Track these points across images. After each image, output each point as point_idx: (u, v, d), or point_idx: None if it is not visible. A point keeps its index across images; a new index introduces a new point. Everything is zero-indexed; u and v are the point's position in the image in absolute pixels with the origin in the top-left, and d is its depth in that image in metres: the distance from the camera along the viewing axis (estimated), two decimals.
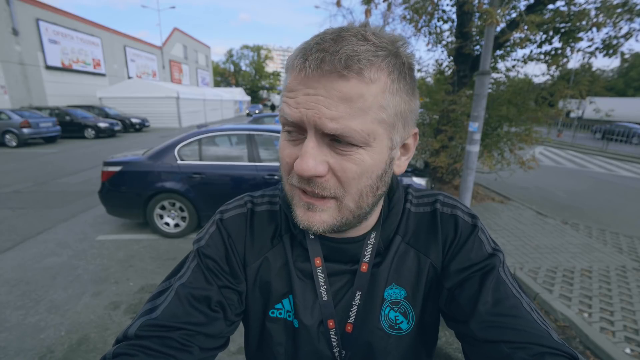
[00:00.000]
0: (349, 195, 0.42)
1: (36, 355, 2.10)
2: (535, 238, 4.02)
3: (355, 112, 0.37)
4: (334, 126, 0.37)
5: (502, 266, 0.48)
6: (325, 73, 0.36)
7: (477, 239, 0.50)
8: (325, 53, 0.36)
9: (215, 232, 0.54)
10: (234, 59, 56.02)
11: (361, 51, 0.36)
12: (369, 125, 0.38)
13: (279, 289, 0.53)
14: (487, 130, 5.41)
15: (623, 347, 2.22)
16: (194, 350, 0.45)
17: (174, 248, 3.68)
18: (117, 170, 3.78)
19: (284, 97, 0.41)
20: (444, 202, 0.54)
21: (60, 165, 7.92)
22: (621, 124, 17.61)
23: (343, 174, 0.40)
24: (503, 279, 0.46)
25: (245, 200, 0.58)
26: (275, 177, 3.69)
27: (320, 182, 0.40)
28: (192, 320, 0.46)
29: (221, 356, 2.13)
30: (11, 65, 14.47)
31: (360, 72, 0.36)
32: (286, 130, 0.43)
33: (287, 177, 0.44)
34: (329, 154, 0.40)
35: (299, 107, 0.38)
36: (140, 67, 25.38)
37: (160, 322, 0.45)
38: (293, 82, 0.39)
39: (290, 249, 0.53)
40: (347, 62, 0.36)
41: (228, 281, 0.51)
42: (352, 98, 0.37)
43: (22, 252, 3.51)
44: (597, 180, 8.10)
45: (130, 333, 0.45)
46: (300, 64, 0.38)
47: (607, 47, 4.84)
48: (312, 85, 0.38)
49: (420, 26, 5.86)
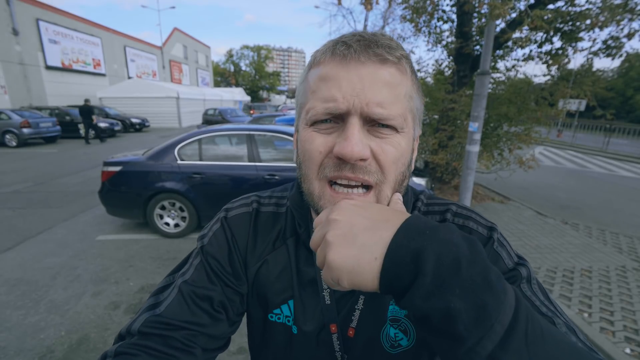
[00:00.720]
0: (387, 183, 0.42)
1: (36, 355, 2.10)
2: (535, 238, 4.02)
3: (396, 97, 0.40)
4: (380, 111, 0.39)
5: (526, 281, 0.43)
6: (371, 56, 0.39)
7: (492, 253, 0.45)
8: (367, 41, 0.39)
9: (219, 230, 0.54)
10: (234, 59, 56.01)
11: (395, 45, 0.40)
12: (404, 110, 0.41)
13: (278, 293, 0.52)
14: (487, 130, 5.41)
15: (623, 347, 2.22)
16: (196, 352, 0.45)
17: (174, 248, 3.68)
18: (117, 170, 3.78)
19: (316, 89, 0.41)
20: (457, 212, 0.51)
21: (60, 165, 7.92)
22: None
23: (384, 156, 0.40)
24: (527, 297, 0.41)
25: (252, 200, 0.57)
26: (276, 177, 3.69)
27: (363, 166, 0.40)
28: (195, 320, 0.46)
29: (221, 356, 2.13)
30: (11, 65, 14.47)
31: (400, 61, 0.40)
32: (319, 121, 0.41)
33: (317, 170, 0.42)
34: (370, 138, 0.40)
35: (344, 95, 0.39)
36: (140, 67, 25.38)
37: (164, 320, 0.45)
38: (333, 69, 0.40)
39: (295, 252, 0.52)
40: (390, 50, 0.39)
41: (231, 282, 0.51)
42: (394, 84, 0.40)
43: (22, 252, 3.51)
44: (597, 180, 8.10)
45: (134, 329, 0.44)
46: (344, 50, 0.39)
47: (609, 47, 4.84)
48: (356, 70, 0.39)
49: (420, 26, 5.87)
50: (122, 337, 0.45)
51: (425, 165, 6.24)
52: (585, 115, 17.18)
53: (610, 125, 14.16)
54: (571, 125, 16.91)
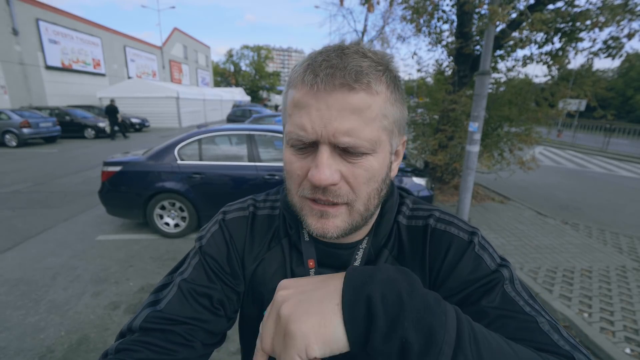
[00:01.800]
0: (360, 200, 0.44)
1: (36, 355, 2.10)
2: (535, 238, 4.02)
3: (365, 121, 0.40)
4: (347, 140, 0.39)
5: (509, 282, 0.44)
6: (337, 87, 0.39)
7: (473, 256, 0.46)
8: (335, 69, 0.39)
9: (218, 231, 0.55)
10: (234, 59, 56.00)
11: (365, 66, 0.40)
12: (375, 132, 0.41)
13: (273, 291, 0.53)
14: (487, 131, 5.41)
15: (623, 347, 2.22)
16: (196, 346, 0.47)
17: (174, 248, 3.68)
18: (117, 170, 3.78)
19: (292, 114, 0.43)
20: (439, 217, 0.51)
21: (60, 165, 7.92)
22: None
23: (354, 180, 0.42)
24: (511, 298, 0.42)
25: (248, 204, 0.59)
26: (276, 177, 3.69)
27: (333, 190, 0.42)
28: (196, 316, 0.48)
29: (222, 356, 2.13)
30: (11, 65, 14.46)
31: (368, 85, 0.39)
32: (297, 147, 0.43)
33: (297, 189, 0.45)
34: (341, 162, 0.42)
35: (313, 126, 0.40)
36: (140, 67, 25.37)
37: (165, 315, 0.46)
38: (303, 97, 0.41)
39: (289, 252, 0.54)
40: (357, 76, 0.39)
41: (229, 281, 0.53)
42: (362, 109, 0.40)
43: (22, 252, 3.51)
44: (597, 180, 8.10)
45: (135, 326, 0.46)
46: (312, 80, 0.40)
47: (609, 47, 4.83)
48: (324, 99, 0.39)
49: (421, 26, 5.86)
50: (123, 335, 0.47)
51: (426, 165, 6.24)
52: (585, 115, 17.18)
53: (610, 125, 14.16)
54: (571, 125, 16.91)
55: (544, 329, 0.38)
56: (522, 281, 0.46)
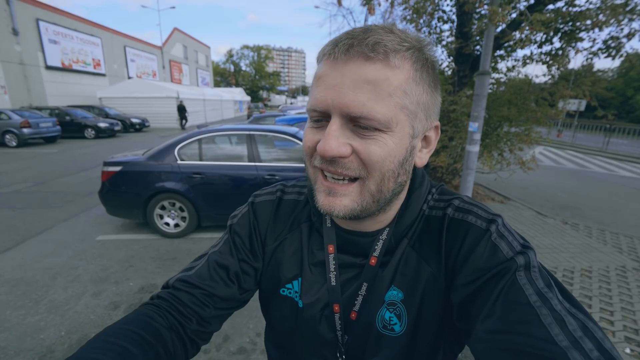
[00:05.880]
0: (372, 178, 0.43)
1: (36, 355, 2.10)
2: (535, 238, 4.03)
3: (380, 95, 0.39)
4: (358, 109, 0.39)
5: (523, 269, 0.41)
6: (353, 55, 0.39)
7: (489, 244, 0.44)
8: (354, 39, 0.39)
9: (246, 213, 0.62)
10: (234, 59, 56.01)
11: (387, 40, 0.39)
12: (392, 109, 0.40)
13: (291, 270, 0.58)
14: (487, 131, 5.41)
15: (623, 347, 2.22)
16: (210, 307, 0.55)
17: (174, 248, 3.68)
18: (117, 170, 3.78)
19: (313, 85, 0.44)
20: (458, 206, 0.50)
21: (60, 165, 7.92)
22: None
23: (367, 156, 0.41)
24: (519, 286, 0.39)
25: (277, 189, 0.64)
26: (276, 177, 3.69)
27: (343, 162, 0.42)
28: (212, 284, 0.56)
29: (222, 356, 2.13)
30: (11, 65, 14.46)
31: (386, 56, 0.39)
32: (313, 119, 0.44)
33: (309, 160, 0.46)
34: (352, 137, 0.41)
35: (326, 93, 0.40)
36: (140, 67, 25.36)
37: (190, 280, 0.56)
38: (323, 67, 0.42)
39: (308, 236, 0.58)
40: (374, 47, 0.38)
41: (247, 256, 0.59)
42: (377, 81, 0.39)
43: (22, 252, 3.51)
44: (597, 180, 8.10)
45: (170, 283, 0.57)
46: (330, 49, 0.41)
47: (609, 47, 4.84)
48: (340, 68, 0.40)
49: (421, 26, 5.87)
50: (165, 287, 0.57)
51: (426, 165, 6.23)
52: (585, 115, 17.18)
53: (610, 125, 14.14)
54: (571, 125, 16.89)
55: (545, 322, 0.35)
56: (543, 268, 0.43)
